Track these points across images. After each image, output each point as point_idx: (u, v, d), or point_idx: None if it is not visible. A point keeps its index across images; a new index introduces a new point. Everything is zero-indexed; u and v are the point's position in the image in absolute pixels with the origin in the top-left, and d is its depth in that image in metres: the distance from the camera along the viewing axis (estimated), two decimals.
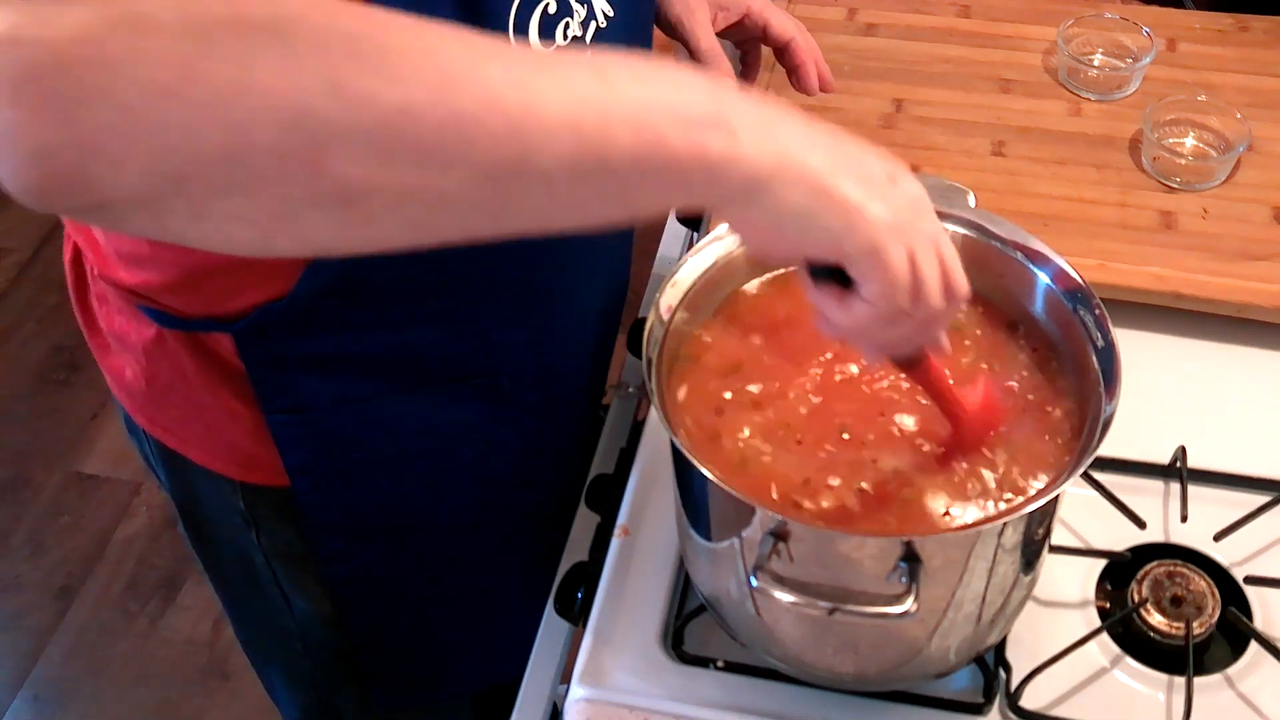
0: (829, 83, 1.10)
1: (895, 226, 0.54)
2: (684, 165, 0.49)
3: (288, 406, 0.86)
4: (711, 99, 0.50)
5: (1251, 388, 0.99)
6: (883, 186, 0.55)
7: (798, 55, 1.08)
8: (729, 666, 0.83)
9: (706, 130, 0.49)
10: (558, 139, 0.47)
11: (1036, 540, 0.74)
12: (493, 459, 0.97)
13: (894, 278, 0.55)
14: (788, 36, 1.07)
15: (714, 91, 0.51)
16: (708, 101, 0.50)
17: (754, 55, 1.14)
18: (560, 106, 0.47)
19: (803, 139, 0.52)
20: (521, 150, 0.46)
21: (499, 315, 0.88)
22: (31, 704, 1.89)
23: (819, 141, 0.53)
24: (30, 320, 2.44)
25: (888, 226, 0.54)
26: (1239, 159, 1.12)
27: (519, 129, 0.46)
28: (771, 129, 0.52)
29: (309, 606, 1.01)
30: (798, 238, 0.54)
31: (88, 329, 0.94)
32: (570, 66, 0.48)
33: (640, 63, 0.50)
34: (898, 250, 0.54)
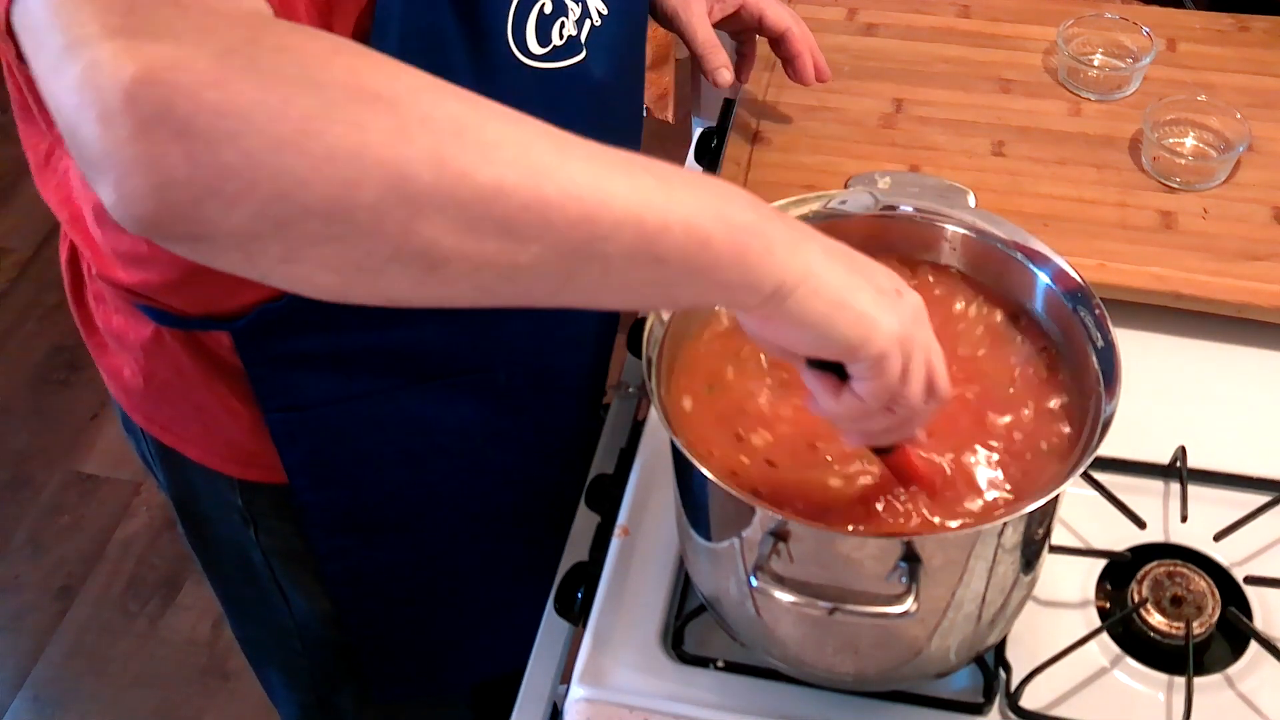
0: (825, 73, 1.11)
1: (901, 338, 0.60)
2: (724, 265, 0.55)
3: (286, 405, 0.86)
4: (753, 211, 0.56)
5: (1251, 388, 0.99)
6: (892, 300, 0.61)
7: (794, 46, 1.08)
8: (729, 666, 0.83)
9: (747, 237, 0.55)
10: (622, 230, 0.52)
11: (1036, 540, 0.74)
12: (490, 454, 0.97)
13: (887, 382, 0.61)
14: (783, 27, 1.08)
15: (755, 205, 0.57)
16: (749, 213, 0.56)
17: (749, 46, 1.14)
18: (627, 203, 0.52)
19: (825, 255, 0.59)
20: (590, 235, 0.52)
21: (496, 310, 0.88)
22: (31, 704, 1.89)
23: (838, 258, 0.60)
24: (30, 320, 2.44)
25: (894, 338, 0.60)
26: (1239, 159, 1.12)
27: (591, 218, 0.52)
28: (800, 243, 0.58)
29: (307, 604, 1.01)
30: (814, 341, 0.59)
31: (85, 328, 0.94)
32: (640, 170, 0.54)
33: (695, 174, 0.57)
34: (896, 360, 0.61)
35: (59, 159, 0.86)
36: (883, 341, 0.59)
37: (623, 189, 0.53)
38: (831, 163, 1.15)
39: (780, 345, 0.61)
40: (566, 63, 0.79)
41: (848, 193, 0.83)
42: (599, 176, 0.52)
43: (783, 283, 0.56)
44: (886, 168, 1.12)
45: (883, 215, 0.82)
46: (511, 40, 0.75)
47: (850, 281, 0.59)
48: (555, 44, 0.78)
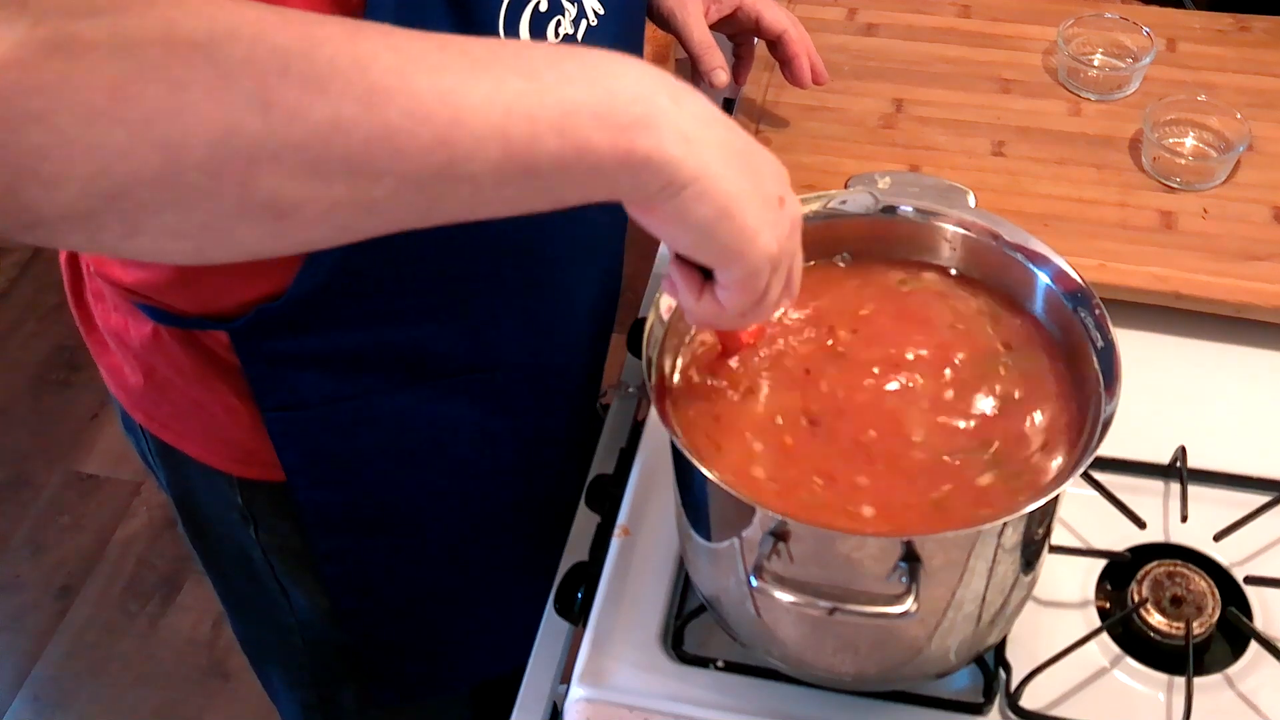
0: (821, 75, 1.11)
1: (774, 256, 0.59)
2: (606, 169, 0.51)
3: (284, 404, 0.86)
4: (641, 98, 0.52)
5: (1251, 388, 0.99)
6: (774, 212, 0.59)
7: (790, 48, 1.08)
8: (729, 666, 0.83)
9: (633, 134, 0.51)
10: (485, 147, 0.48)
11: (1036, 540, 0.74)
12: (489, 452, 0.97)
13: (752, 294, 0.61)
14: (780, 29, 1.08)
15: (646, 89, 0.52)
16: (636, 104, 0.52)
17: (747, 48, 1.14)
18: (488, 115, 0.48)
19: (721, 153, 0.55)
20: (449, 158, 0.48)
21: (493, 309, 0.88)
22: (31, 704, 1.89)
23: (734, 158, 0.56)
24: (30, 320, 2.44)
25: (768, 256, 0.59)
26: (1239, 159, 1.12)
27: (446, 139, 0.48)
28: (696, 138, 0.54)
29: (308, 602, 1.01)
30: (690, 244, 0.58)
31: (85, 327, 0.94)
32: (502, 69, 0.49)
33: (576, 58, 0.51)
34: (765, 275, 0.60)
35: None
36: (757, 258, 0.58)
37: (480, 99, 0.48)
38: (831, 163, 1.15)
39: (655, 233, 0.59)
40: None
41: (848, 193, 0.83)
42: (452, 91, 0.48)
43: (671, 181, 0.53)
44: (886, 168, 1.12)
45: (883, 215, 0.82)
46: (504, 37, 0.75)
47: (740, 188, 0.56)
48: (551, 43, 0.78)
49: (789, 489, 0.72)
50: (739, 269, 0.59)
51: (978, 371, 0.78)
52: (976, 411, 0.75)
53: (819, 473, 0.73)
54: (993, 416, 0.75)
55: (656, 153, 0.52)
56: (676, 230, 0.57)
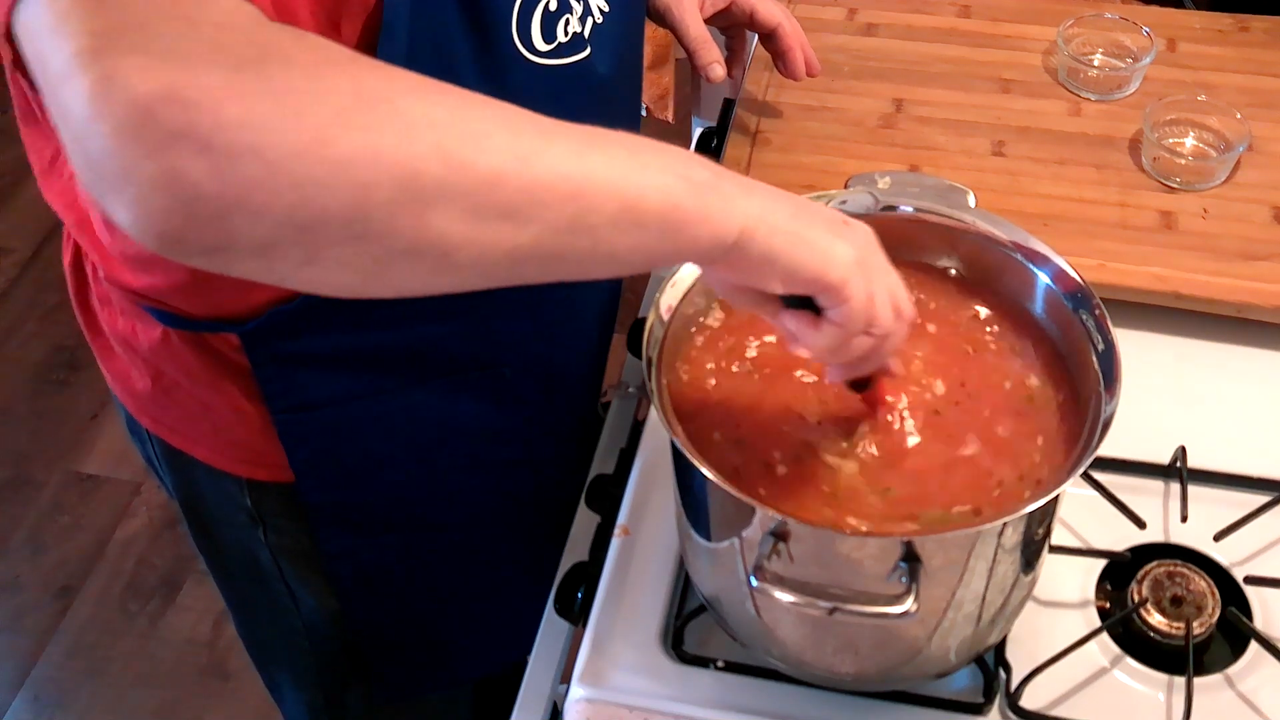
0: (815, 67, 1.12)
1: (857, 261, 0.64)
2: (694, 222, 0.59)
3: (293, 405, 0.86)
4: (708, 170, 0.60)
5: (1251, 388, 0.99)
6: (842, 228, 0.65)
7: (784, 41, 1.09)
8: (729, 666, 0.83)
9: (708, 193, 0.59)
10: (606, 202, 0.56)
11: (1036, 540, 0.74)
12: (495, 448, 0.97)
13: (857, 303, 0.64)
14: (774, 22, 1.08)
15: (708, 165, 0.61)
16: (705, 172, 0.60)
17: (739, 41, 1.14)
18: (607, 176, 0.56)
19: (773, 198, 0.63)
20: (579, 210, 0.55)
21: (500, 307, 0.88)
22: (31, 704, 1.89)
23: (784, 200, 0.63)
24: (30, 320, 2.44)
25: (851, 261, 0.63)
26: (1239, 159, 1.12)
27: (578, 193, 0.55)
28: (751, 191, 0.62)
29: (316, 603, 1.01)
30: (781, 275, 0.62)
31: (89, 332, 0.94)
32: (610, 143, 0.58)
33: (654, 143, 0.60)
34: (858, 281, 0.64)
35: (64, 163, 0.86)
36: (843, 266, 0.63)
37: (602, 164, 0.56)
38: (831, 163, 1.15)
39: (753, 290, 0.64)
40: (571, 59, 0.80)
41: (848, 193, 0.83)
42: (579, 154, 0.56)
43: (743, 228, 0.60)
44: (886, 168, 1.12)
45: (883, 215, 0.82)
46: (517, 37, 0.75)
47: (801, 217, 0.63)
48: (560, 41, 0.78)
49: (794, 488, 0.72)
50: (829, 279, 0.62)
51: (977, 372, 0.78)
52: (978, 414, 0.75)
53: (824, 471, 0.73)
54: (993, 419, 0.75)
55: (728, 205, 0.60)
56: (765, 268, 0.62)
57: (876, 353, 0.68)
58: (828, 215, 0.65)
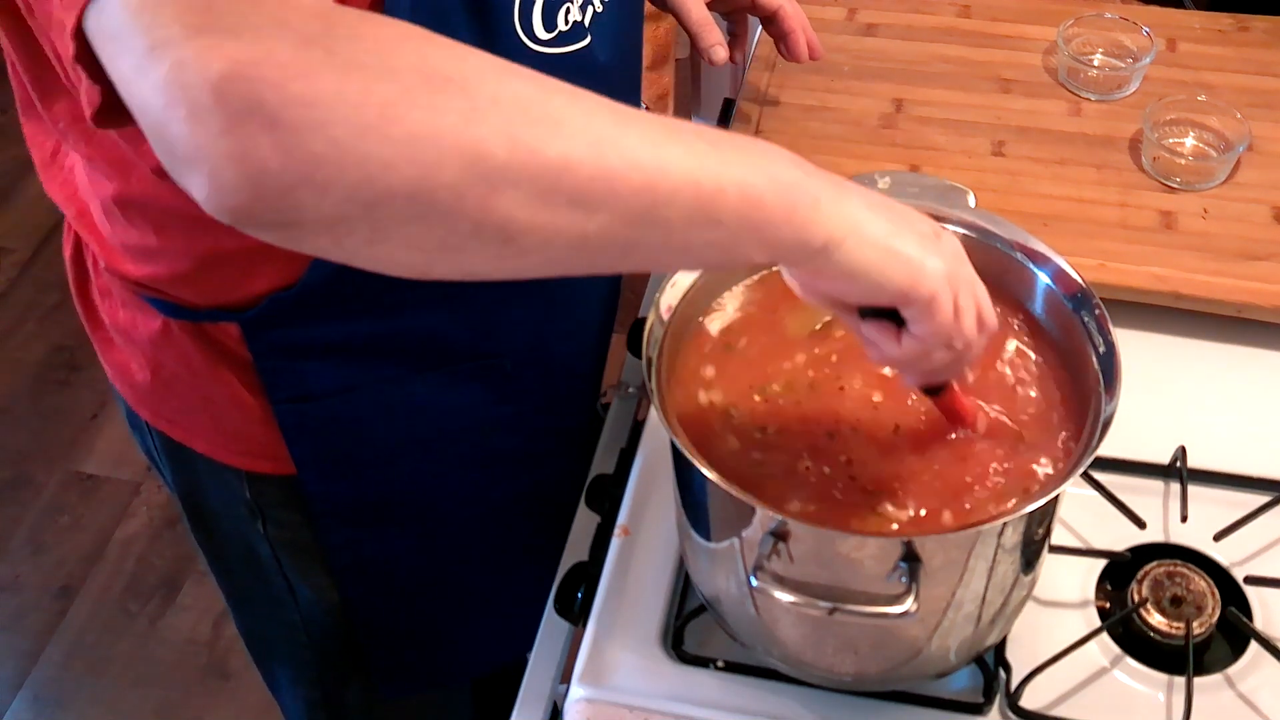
0: (817, 50, 1.12)
1: (947, 276, 0.63)
2: (776, 223, 0.57)
3: (294, 395, 0.87)
4: (798, 169, 0.59)
5: (1251, 388, 0.99)
6: (933, 242, 0.63)
7: (786, 23, 1.09)
8: (729, 666, 0.83)
9: (796, 194, 0.58)
10: (680, 195, 0.55)
11: (1036, 540, 0.74)
12: (496, 440, 0.97)
13: (943, 320, 0.63)
14: (775, 5, 1.09)
15: (799, 163, 0.59)
16: (795, 170, 0.59)
17: (741, 25, 1.15)
18: (684, 168, 0.55)
19: (868, 206, 0.61)
20: (652, 202, 0.54)
21: (501, 297, 0.88)
22: (31, 704, 1.89)
23: (879, 208, 0.62)
24: (30, 320, 2.44)
25: (943, 278, 0.62)
26: (1239, 159, 1.12)
27: (652, 185, 0.54)
28: (844, 197, 0.60)
29: (315, 597, 1.02)
30: (866, 290, 0.61)
31: (90, 323, 0.94)
32: (691, 135, 0.56)
33: (741, 137, 0.59)
34: (947, 298, 0.63)
35: (65, 155, 0.86)
36: (932, 282, 0.62)
37: (679, 155, 0.55)
38: (831, 163, 1.13)
39: (833, 297, 0.64)
40: (572, 47, 0.80)
41: None
42: (656, 145, 0.55)
43: (831, 236, 0.58)
44: (886, 168, 1.12)
45: None
46: (518, 25, 0.76)
47: (894, 229, 0.61)
48: (561, 29, 0.78)
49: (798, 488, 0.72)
50: (917, 295, 0.62)
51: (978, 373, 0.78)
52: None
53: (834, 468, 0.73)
54: (993, 417, 0.75)
55: (816, 209, 0.58)
56: (850, 282, 0.61)
57: (956, 365, 0.67)
58: (921, 226, 0.64)
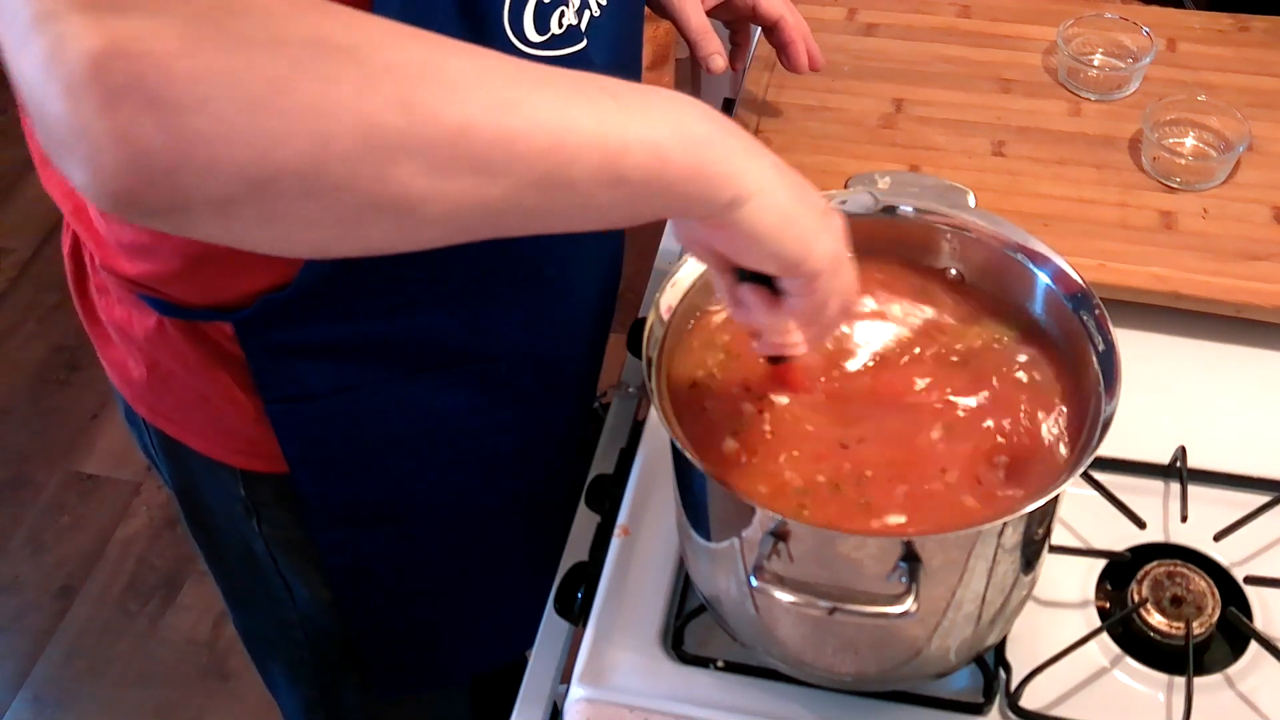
0: (817, 60, 1.11)
1: (833, 258, 0.64)
2: (684, 179, 0.57)
3: (287, 395, 0.87)
4: (709, 124, 0.58)
5: (1251, 388, 0.99)
6: (826, 220, 0.64)
7: (787, 33, 1.09)
8: (729, 666, 0.83)
9: (705, 151, 0.57)
10: (586, 154, 0.54)
11: (1036, 540, 0.74)
12: (491, 444, 0.97)
13: (820, 299, 0.65)
14: (776, 15, 1.08)
15: (711, 118, 0.58)
16: (705, 125, 0.58)
17: (744, 34, 1.14)
18: (590, 128, 0.54)
19: (776, 171, 0.61)
20: (557, 163, 0.53)
21: (496, 299, 0.88)
22: (31, 704, 1.90)
23: (786, 175, 0.62)
24: (30, 320, 2.44)
25: (829, 258, 0.63)
26: (1239, 159, 1.12)
27: (557, 146, 0.53)
28: (755, 157, 0.60)
29: (311, 595, 1.02)
30: (760, 254, 0.62)
31: (88, 320, 0.94)
32: (597, 91, 0.55)
33: (651, 90, 0.58)
34: (830, 278, 0.64)
35: None
36: (821, 260, 0.62)
37: (584, 114, 0.54)
38: (831, 163, 1.15)
39: (719, 254, 0.64)
40: (566, 51, 0.80)
41: (848, 193, 0.83)
42: (561, 104, 0.54)
43: (737, 195, 0.58)
44: (886, 168, 1.12)
45: (883, 215, 0.82)
46: (509, 28, 0.75)
47: (796, 198, 0.62)
48: (554, 32, 0.78)
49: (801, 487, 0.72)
50: (807, 270, 0.62)
51: (978, 373, 0.78)
52: (978, 411, 0.75)
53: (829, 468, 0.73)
54: (992, 417, 0.75)
55: (726, 165, 0.58)
56: (747, 241, 0.61)
57: (812, 342, 0.69)
58: (817, 200, 0.64)
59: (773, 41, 1.11)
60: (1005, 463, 0.73)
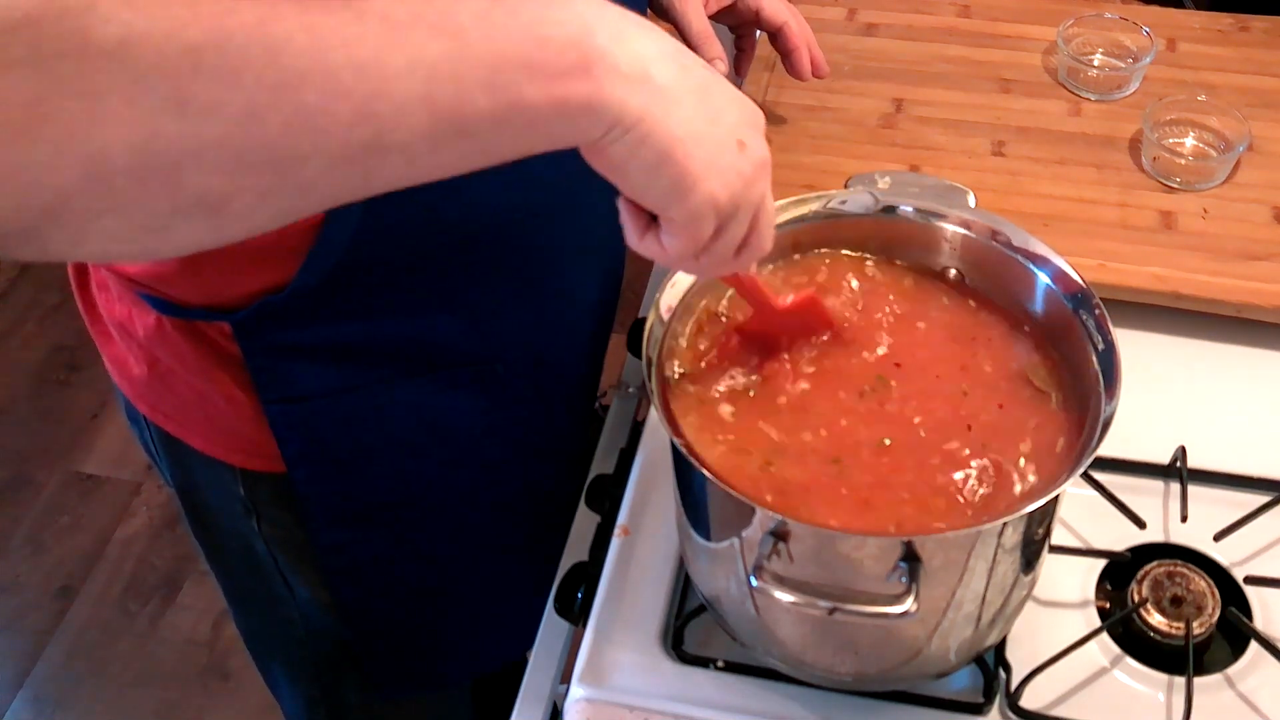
0: (822, 67, 1.11)
1: (718, 203, 0.57)
2: (544, 119, 0.50)
3: (285, 395, 0.87)
4: (576, 42, 0.51)
5: (1251, 388, 0.99)
6: (729, 154, 0.57)
7: (790, 40, 1.09)
8: (729, 666, 0.83)
9: (568, 80, 0.50)
10: (410, 115, 0.48)
11: (1036, 540, 0.74)
12: (489, 445, 0.97)
13: (693, 243, 0.58)
14: (780, 21, 1.08)
15: (581, 28, 0.51)
16: (572, 45, 0.51)
17: (749, 40, 1.14)
18: (409, 83, 0.47)
19: (671, 91, 0.54)
20: (375, 131, 0.47)
21: (495, 301, 0.88)
22: (31, 704, 1.90)
23: (686, 96, 0.54)
24: (30, 320, 2.44)
25: (711, 203, 0.57)
26: (1239, 159, 1.12)
27: (368, 113, 0.47)
28: (639, 77, 0.52)
29: (312, 595, 1.02)
30: (634, 186, 0.56)
31: (89, 317, 0.95)
32: (425, 31, 0.48)
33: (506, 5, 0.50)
34: (709, 223, 0.58)
35: None
36: (697, 204, 0.56)
37: (401, 67, 0.47)
38: (831, 163, 1.15)
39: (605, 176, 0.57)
40: None
41: (848, 193, 0.83)
42: (370, 63, 0.47)
43: (614, 125, 0.52)
44: (886, 168, 1.12)
45: (883, 215, 0.82)
46: None
47: (690, 130, 0.55)
48: None
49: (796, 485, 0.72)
50: (678, 213, 0.57)
51: (978, 372, 0.78)
52: (978, 412, 0.75)
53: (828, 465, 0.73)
54: (993, 417, 0.75)
55: (595, 97, 0.51)
56: (619, 174, 0.56)
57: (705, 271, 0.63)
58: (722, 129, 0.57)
59: (777, 47, 1.11)
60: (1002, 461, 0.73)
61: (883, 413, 0.75)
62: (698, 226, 0.58)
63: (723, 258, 0.61)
